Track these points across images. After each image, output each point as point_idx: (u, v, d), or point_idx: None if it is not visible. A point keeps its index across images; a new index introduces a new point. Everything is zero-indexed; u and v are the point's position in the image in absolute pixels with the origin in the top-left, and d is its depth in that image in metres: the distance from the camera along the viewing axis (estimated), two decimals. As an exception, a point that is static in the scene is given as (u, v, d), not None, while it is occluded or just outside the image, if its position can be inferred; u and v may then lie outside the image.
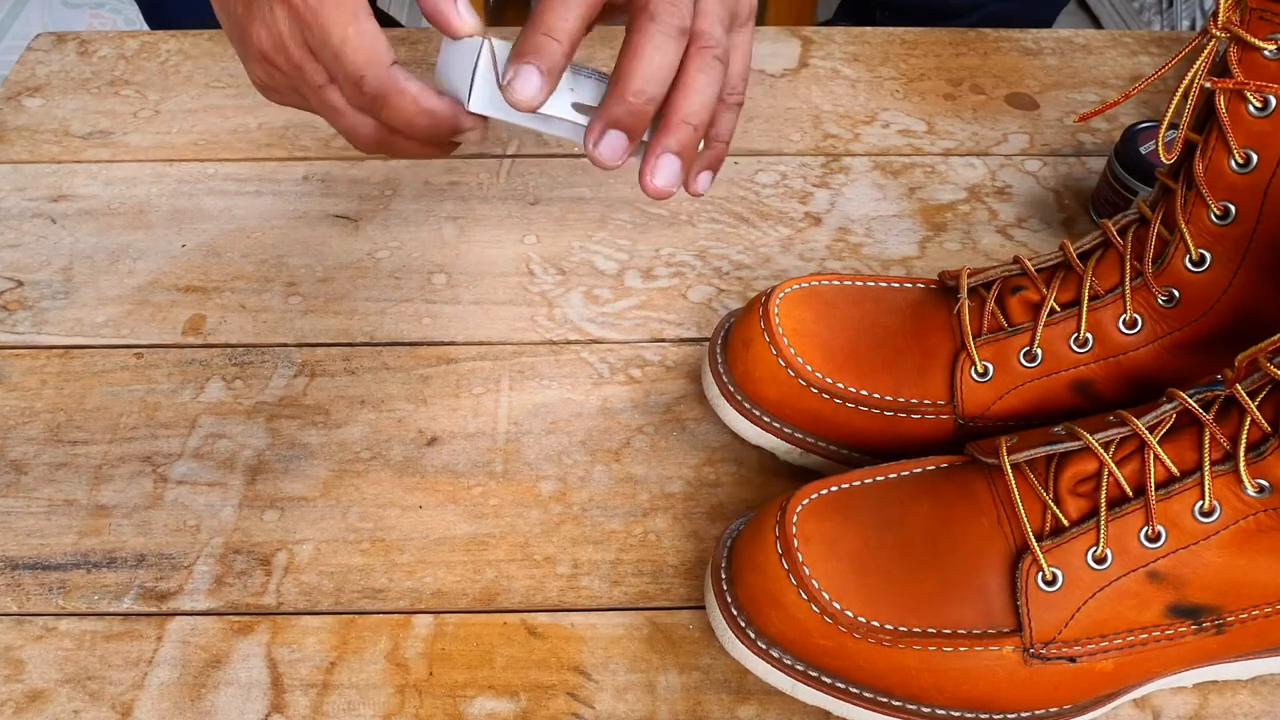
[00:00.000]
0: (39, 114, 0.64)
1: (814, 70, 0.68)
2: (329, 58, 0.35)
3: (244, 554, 0.44)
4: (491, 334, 0.53)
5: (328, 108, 0.37)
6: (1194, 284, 0.41)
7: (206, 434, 0.48)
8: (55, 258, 0.56)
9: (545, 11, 0.36)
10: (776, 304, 0.45)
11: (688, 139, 0.37)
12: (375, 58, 0.35)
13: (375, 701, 0.40)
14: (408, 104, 0.35)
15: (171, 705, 0.40)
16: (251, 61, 0.38)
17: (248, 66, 0.39)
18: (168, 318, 0.53)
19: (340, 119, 0.38)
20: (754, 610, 0.38)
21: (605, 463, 0.48)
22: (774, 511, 0.39)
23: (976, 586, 0.37)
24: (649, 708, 0.40)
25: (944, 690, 0.37)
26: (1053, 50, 0.70)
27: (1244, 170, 0.39)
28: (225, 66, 0.68)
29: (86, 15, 1.63)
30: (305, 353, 0.52)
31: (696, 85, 0.37)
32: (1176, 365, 0.42)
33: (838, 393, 0.44)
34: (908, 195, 0.61)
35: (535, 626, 0.42)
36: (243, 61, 0.39)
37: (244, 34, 0.37)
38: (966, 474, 0.40)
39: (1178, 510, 0.36)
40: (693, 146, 0.38)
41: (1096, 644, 0.36)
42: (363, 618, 0.43)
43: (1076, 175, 0.62)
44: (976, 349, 0.44)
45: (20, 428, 0.49)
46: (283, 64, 0.37)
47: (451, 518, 0.46)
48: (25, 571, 0.44)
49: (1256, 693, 0.41)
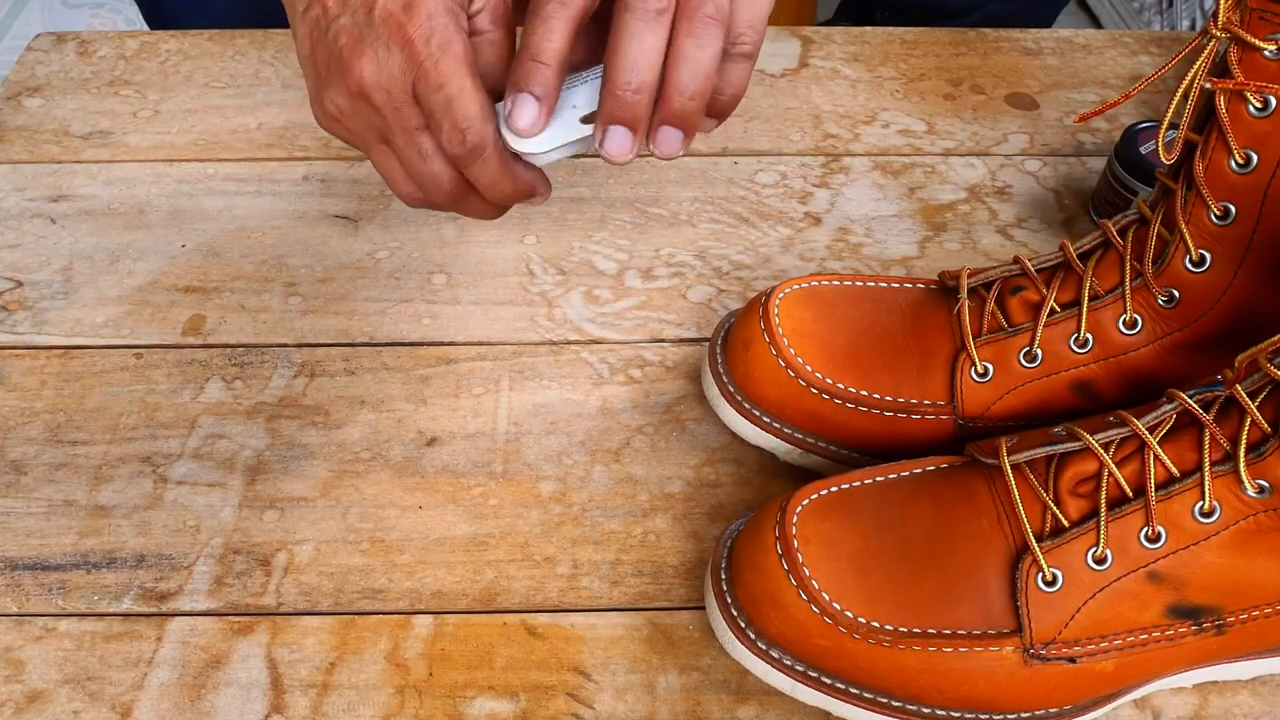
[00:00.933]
0: (39, 114, 0.64)
1: (814, 70, 0.68)
2: (439, 104, 0.36)
3: (244, 554, 0.44)
4: (491, 334, 0.53)
5: (415, 150, 0.38)
6: (1194, 284, 0.41)
7: (206, 434, 0.48)
8: (55, 258, 0.56)
9: (530, 35, 0.36)
10: (776, 304, 0.45)
11: (681, 109, 0.37)
12: (485, 113, 0.37)
13: (375, 702, 0.40)
14: (497, 163, 0.37)
15: (171, 706, 0.40)
16: (339, 93, 0.38)
17: (327, 96, 0.38)
18: (167, 318, 0.53)
19: (426, 164, 0.38)
20: (754, 611, 0.38)
21: (605, 463, 0.48)
22: (774, 512, 0.39)
23: (976, 587, 0.37)
24: (649, 708, 0.40)
25: (944, 691, 0.37)
26: (1053, 50, 0.70)
27: (1244, 170, 0.39)
28: (225, 66, 0.68)
29: (86, 15, 1.63)
30: (305, 353, 0.52)
31: (685, 54, 0.36)
32: (1176, 366, 0.42)
33: (838, 393, 0.44)
34: (908, 195, 0.61)
35: (535, 627, 0.42)
36: (319, 90, 0.39)
37: (344, 66, 0.37)
38: (966, 474, 0.40)
39: (1178, 511, 0.36)
40: (691, 116, 0.37)
41: (1096, 644, 0.36)
42: (362, 618, 0.42)
43: (1076, 175, 0.62)
44: (976, 349, 0.44)
45: (20, 428, 0.49)
46: (381, 102, 0.37)
47: (451, 518, 0.46)
48: (25, 572, 0.44)
49: (1257, 693, 0.41)
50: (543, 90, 0.37)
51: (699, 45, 0.36)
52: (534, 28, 0.36)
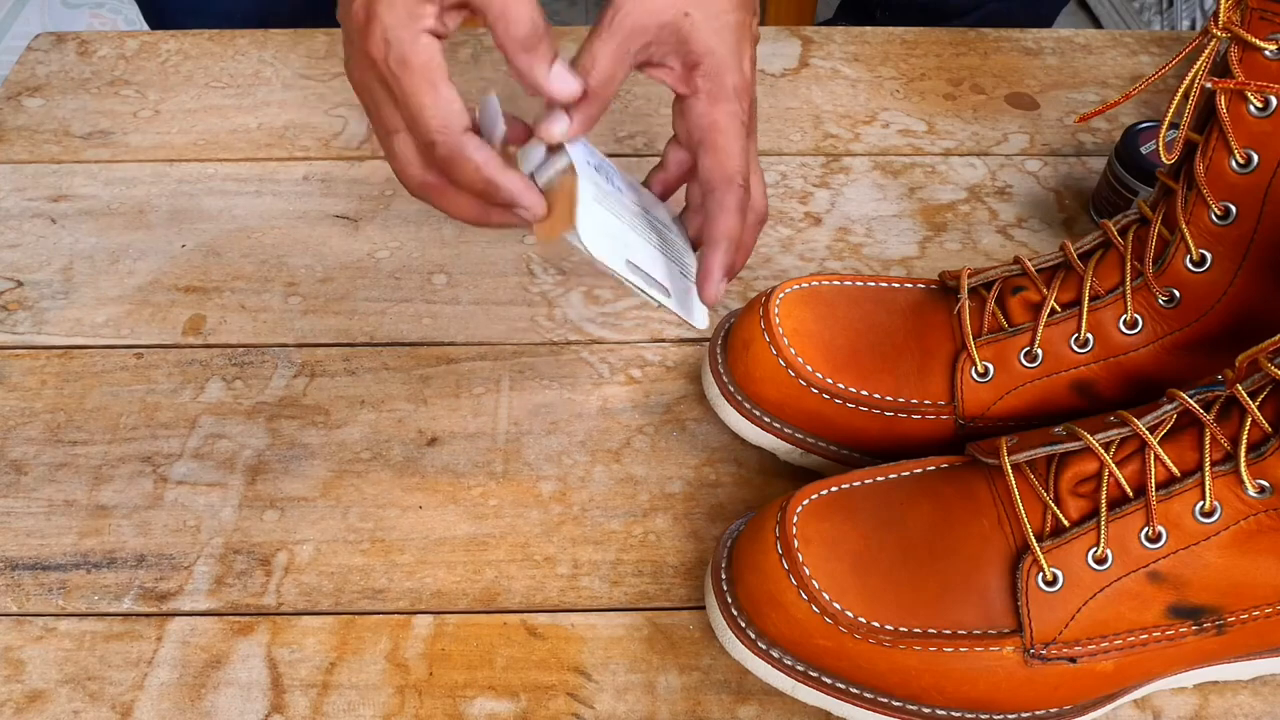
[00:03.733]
0: (39, 114, 0.64)
1: (814, 70, 0.68)
2: (408, 117, 0.38)
3: (244, 554, 0.44)
4: (491, 334, 0.53)
5: (390, 152, 0.40)
6: (1194, 284, 0.41)
7: (206, 434, 0.48)
8: (55, 258, 0.56)
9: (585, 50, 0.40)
10: (776, 304, 0.45)
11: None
12: (449, 125, 0.37)
13: (375, 702, 0.40)
14: (472, 171, 0.38)
15: (171, 706, 0.40)
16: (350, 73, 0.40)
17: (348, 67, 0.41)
18: (167, 318, 0.53)
19: (394, 161, 0.40)
20: (754, 611, 0.38)
21: (605, 463, 0.48)
22: (774, 512, 0.39)
23: (977, 587, 0.37)
24: (649, 708, 0.40)
25: (944, 691, 0.37)
26: (1053, 50, 0.70)
27: (1244, 170, 0.39)
28: (225, 66, 0.68)
29: (86, 15, 1.63)
30: (305, 353, 0.52)
31: (748, 246, 0.44)
32: (1177, 365, 0.42)
33: (838, 393, 0.44)
34: (908, 195, 0.61)
35: (535, 627, 0.42)
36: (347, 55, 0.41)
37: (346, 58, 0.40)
38: (967, 474, 0.40)
39: (1178, 511, 0.36)
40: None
41: (1097, 644, 0.36)
42: (363, 618, 0.42)
43: (1077, 175, 0.62)
44: (977, 349, 0.44)
45: (20, 428, 0.49)
46: (365, 102, 0.40)
47: (451, 518, 0.46)
48: (25, 572, 0.44)
49: (1257, 693, 0.41)
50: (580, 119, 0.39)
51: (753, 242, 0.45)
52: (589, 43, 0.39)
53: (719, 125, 0.41)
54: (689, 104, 0.41)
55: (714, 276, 0.41)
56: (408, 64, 0.37)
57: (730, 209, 0.41)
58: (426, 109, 0.37)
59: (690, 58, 0.41)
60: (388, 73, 0.37)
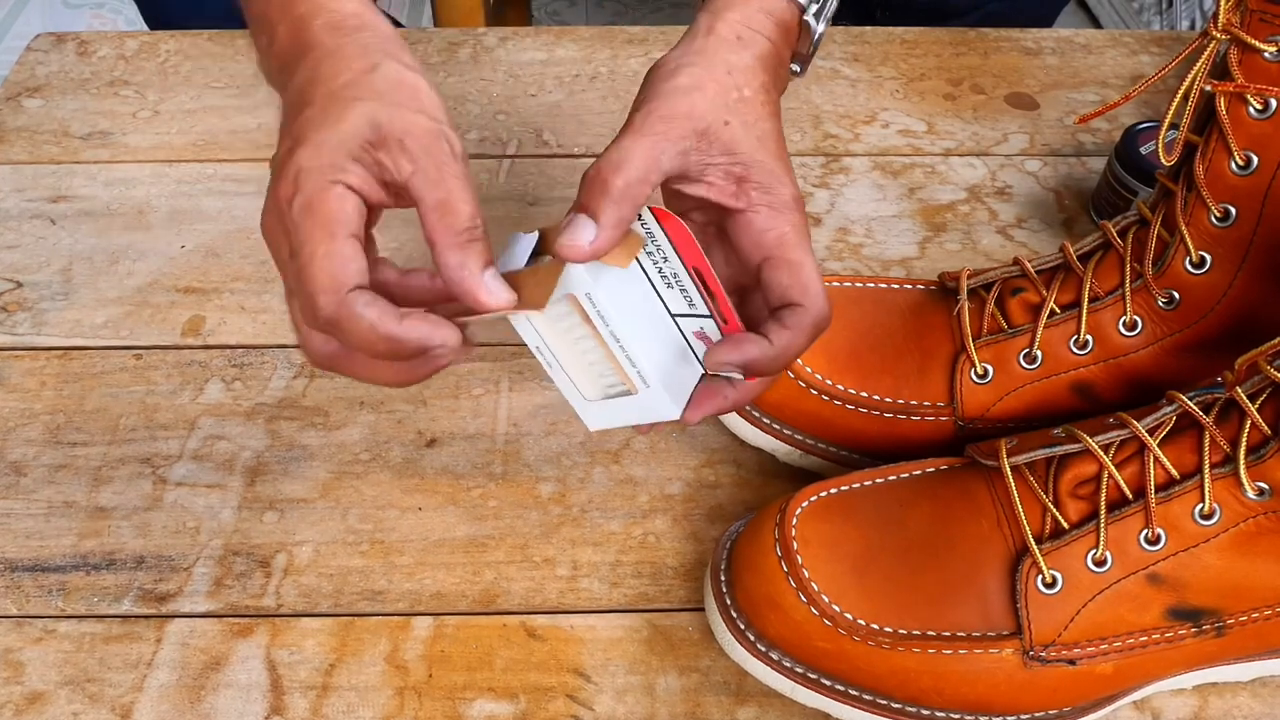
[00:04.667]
0: (38, 114, 0.64)
1: (814, 70, 0.68)
2: (295, 271, 0.33)
3: (243, 556, 0.44)
4: (491, 335, 0.53)
5: (293, 320, 0.36)
6: (1194, 286, 0.41)
7: (206, 435, 0.48)
8: (54, 259, 0.56)
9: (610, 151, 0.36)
10: (776, 305, 0.45)
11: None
12: (336, 282, 0.32)
13: (374, 703, 0.40)
14: (366, 330, 0.33)
15: (171, 707, 0.40)
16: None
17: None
18: (167, 319, 0.53)
19: (296, 331, 0.36)
20: (753, 612, 0.38)
21: (604, 464, 0.48)
22: (773, 513, 0.39)
23: (976, 589, 0.37)
24: (648, 710, 0.40)
25: (943, 693, 0.37)
26: (1053, 50, 0.70)
27: (1244, 172, 0.38)
28: (225, 67, 0.68)
29: (86, 15, 1.63)
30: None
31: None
32: (1177, 367, 0.42)
33: (837, 394, 0.44)
34: (908, 195, 0.60)
35: (535, 628, 0.42)
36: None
37: (264, 204, 0.35)
38: (966, 476, 0.40)
39: (1178, 513, 0.36)
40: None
41: (1096, 646, 0.36)
42: (362, 619, 0.42)
43: (1076, 175, 0.62)
44: (976, 350, 0.44)
45: (20, 429, 0.49)
46: (273, 256, 0.35)
47: (451, 519, 0.46)
48: (25, 573, 0.44)
49: (1257, 695, 0.41)
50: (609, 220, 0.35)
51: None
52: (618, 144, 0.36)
53: (788, 240, 0.37)
54: (747, 219, 0.37)
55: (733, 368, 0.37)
56: (311, 209, 0.32)
57: (805, 329, 0.37)
58: (316, 259, 0.32)
59: (737, 169, 0.37)
60: (289, 219, 0.33)
